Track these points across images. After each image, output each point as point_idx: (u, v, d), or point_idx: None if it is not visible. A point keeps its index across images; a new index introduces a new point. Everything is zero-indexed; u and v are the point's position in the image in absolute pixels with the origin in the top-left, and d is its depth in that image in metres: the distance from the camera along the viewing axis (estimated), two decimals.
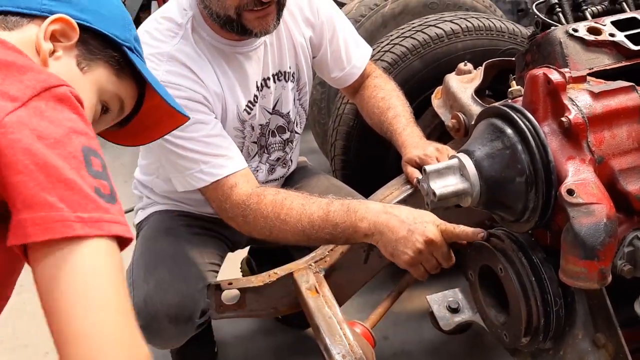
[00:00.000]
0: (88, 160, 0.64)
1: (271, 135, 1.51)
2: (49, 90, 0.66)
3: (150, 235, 1.47)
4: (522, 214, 0.92)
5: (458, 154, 0.96)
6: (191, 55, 1.29)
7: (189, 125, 1.22)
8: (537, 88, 0.93)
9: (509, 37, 1.82)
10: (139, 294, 1.31)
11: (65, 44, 0.79)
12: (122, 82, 0.86)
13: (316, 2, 1.48)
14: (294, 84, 1.50)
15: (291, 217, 1.22)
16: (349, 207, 1.19)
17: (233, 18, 1.23)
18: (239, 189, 1.27)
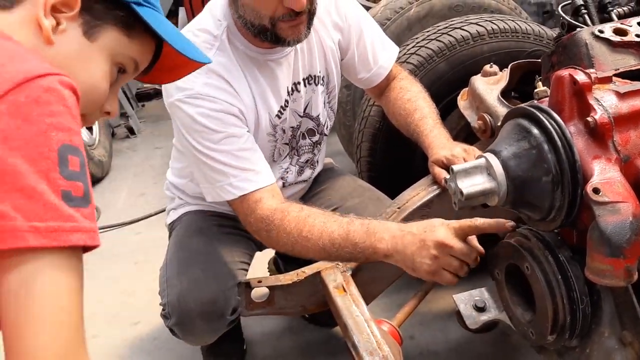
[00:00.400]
0: (64, 159, 0.61)
1: (302, 138, 1.55)
2: (32, 80, 0.62)
3: (182, 234, 1.52)
4: (549, 212, 0.93)
5: (485, 154, 0.98)
6: (227, 67, 1.33)
7: (222, 139, 1.28)
8: (563, 89, 0.94)
9: (534, 38, 1.83)
10: (172, 292, 1.36)
11: (68, 14, 0.76)
12: (133, 41, 0.83)
13: (343, 6, 1.51)
14: (323, 87, 1.54)
15: (313, 235, 1.24)
16: (368, 228, 1.22)
17: (267, 27, 1.27)
18: (263, 204, 1.30)
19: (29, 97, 0.61)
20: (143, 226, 3.05)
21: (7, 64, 0.63)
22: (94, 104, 0.82)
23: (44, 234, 0.58)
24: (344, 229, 1.23)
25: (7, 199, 0.58)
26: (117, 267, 2.61)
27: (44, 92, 0.62)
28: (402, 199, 1.50)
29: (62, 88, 0.64)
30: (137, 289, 2.37)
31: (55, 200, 0.60)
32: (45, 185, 0.59)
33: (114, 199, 3.52)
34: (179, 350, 1.90)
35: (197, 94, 1.28)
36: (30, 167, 0.59)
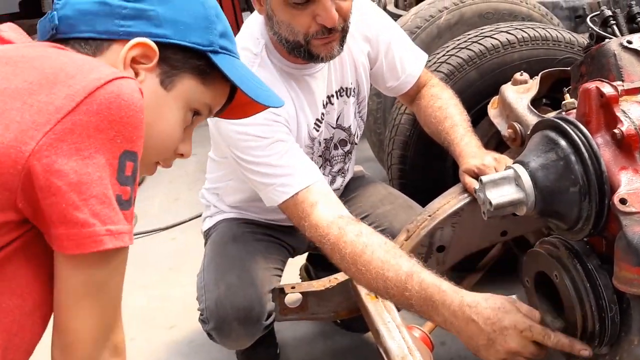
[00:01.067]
0: (122, 166, 0.68)
1: (334, 149, 1.59)
2: (96, 91, 0.67)
3: (218, 242, 1.57)
4: (576, 222, 0.95)
5: (513, 165, 1.01)
6: (269, 80, 1.35)
7: (270, 144, 1.31)
8: (590, 101, 0.96)
9: (565, 46, 1.83)
10: (210, 297, 1.41)
11: (146, 66, 0.80)
12: (209, 88, 0.86)
13: (371, 17, 1.55)
14: (354, 98, 1.57)
15: (368, 272, 1.18)
16: (426, 294, 1.11)
17: (302, 44, 1.31)
18: (319, 211, 1.27)
19: (101, 105, 0.67)
20: (178, 232, 3.12)
21: (78, 74, 0.68)
22: (168, 149, 0.87)
23: (116, 236, 0.68)
24: (401, 283, 1.14)
25: (85, 206, 0.66)
26: (152, 272, 2.68)
27: (115, 97, 0.68)
28: (432, 207, 1.52)
29: (131, 90, 0.70)
30: (172, 294, 2.43)
31: (115, 204, 0.68)
32: (110, 191, 0.67)
33: (149, 206, 3.60)
34: (214, 354, 1.95)
35: None
36: (99, 173, 0.66)
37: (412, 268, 1.15)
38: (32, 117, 0.65)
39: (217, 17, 0.85)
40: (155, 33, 0.80)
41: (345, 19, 1.32)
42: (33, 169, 0.64)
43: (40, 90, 0.66)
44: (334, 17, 1.25)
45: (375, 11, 1.59)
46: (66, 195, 0.65)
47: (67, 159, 0.65)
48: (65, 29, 0.79)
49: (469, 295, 1.11)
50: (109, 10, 0.78)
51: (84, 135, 0.66)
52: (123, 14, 0.78)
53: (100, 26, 0.79)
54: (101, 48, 0.79)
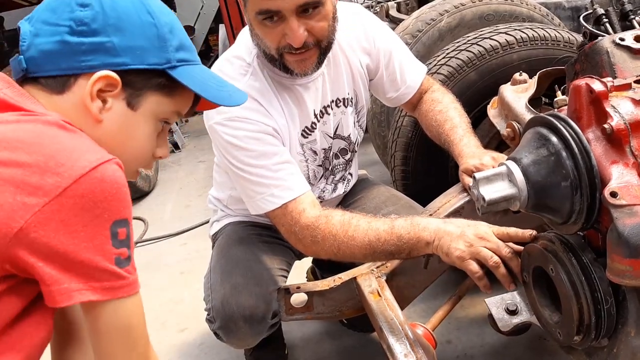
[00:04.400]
0: (114, 233, 0.79)
1: (335, 158, 1.62)
2: (82, 178, 0.76)
3: (225, 244, 1.61)
4: (569, 216, 0.97)
5: (506, 162, 1.03)
6: (261, 90, 1.41)
7: (260, 155, 1.36)
8: (581, 97, 0.98)
9: (564, 45, 1.85)
10: (216, 297, 1.44)
11: (112, 93, 0.88)
12: (173, 98, 0.94)
13: (372, 31, 1.58)
14: (352, 108, 1.60)
15: (358, 233, 1.30)
16: (412, 221, 1.28)
17: (276, 58, 1.35)
18: (307, 213, 1.36)
19: (86, 189, 0.76)
20: (188, 237, 3.17)
21: (67, 162, 0.77)
22: (144, 158, 0.97)
23: (100, 291, 0.79)
24: (388, 225, 1.29)
25: (72, 270, 0.77)
26: (164, 276, 2.73)
27: (98, 182, 0.77)
28: (433, 206, 1.54)
29: (113, 172, 0.79)
30: (183, 297, 2.47)
31: (109, 265, 0.79)
32: (100, 257, 0.78)
33: (161, 212, 3.66)
34: (224, 355, 1.99)
35: (235, 117, 1.36)
36: (88, 244, 0.77)
37: (394, 216, 1.33)
38: (22, 200, 0.74)
39: (171, 33, 0.91)
40: (114, 62, 0.86)
41: (320, 39, 1.34)
42: (19, 244, 0.74)
43: (32, 176, 0.75)
44: (300, 38, 1.28)
45: (376, 24, 1.61)
46: (52, 262, 0.76)
47: (55, 233, 0.75)
48: (33, 68, 0.86)
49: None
50: (69, 48, 0.85)
51: (70, 214, 0.76)
52: (82, 50, 0.85)
53: (63, 63, 0.85)
54: (68, 83, 0.87)
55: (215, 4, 7.85)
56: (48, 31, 0.85)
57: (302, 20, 1.28)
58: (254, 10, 1.28)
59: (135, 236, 3.28)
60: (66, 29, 0.85)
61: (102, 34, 0.85)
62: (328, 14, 1.33)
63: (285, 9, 1.25)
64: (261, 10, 1.26)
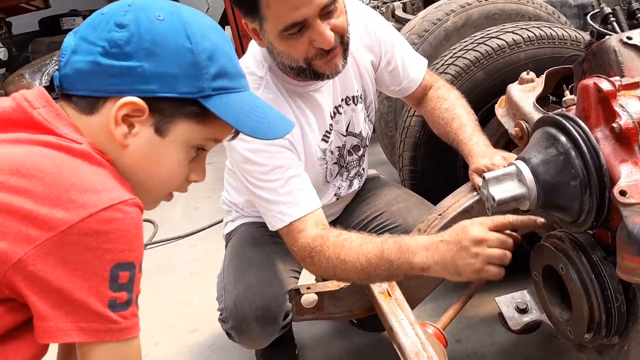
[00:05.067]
0: (115, 276, 0.77)
1: (348, 155, 1.63)
2: (90, 217, 0.75)
3: (238, 244, 1.62)
4: (579, 215, 0.98)
5: (515, 162, 1.04)
6: (275, 102, 1.40)
7: (272, 170, 1.36)
8: (589, 97, 0.99)
9: (571, 44, 1.85)
10: (229, 297, 1.45)
11: (139, 119, 0.85)
12: (207, 126, 0.89)
13: (373, 27, 1.58)
14: (362, 104, 1.61)
15: (350, 257, 1.27)
16: (401, 245, 1.23)
17: (304, 67, 1.34)
18: (305, 233, 1.34)
19: (91, 229, 0.75)
20: (198, 239, 3.18)
21: (79, 199, 0.76)
22: (174, 184, 0.94)
23: (86, 332, 0.77)
24: (378, 248, 1.24)
25: (62, 308, 0.76)
26: (174, 278, 2.74)
27: (105, 223, 0.76)
28: (443, 206, 1.55)
29: (124, 214, 0.78)
30: (194, 299, 2.48)
31: (101, 308, 0.77)
32: (94, 298, 0.76)
33: (170, 214, 3.67)
34: (235, 356, 2.00)
35: None
36: (83, 284, 0.76)
37: (385, 238, 1.27)
38: (27, 231, 0.74)
39: (210, 60, 0.86)
40: (143, 89, 0.83)
41: (342, 35, 1.34)
42: (17, 274, 0.74)
43: (42, 208, 0.74)
44: (330, 39, 1.28)
45: (376, 20, 1.62)
46: (45, 297, 0.75)
47: (53, 269, 0.74)
48: (67, 86, 0.85)
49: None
50: (100, 69, 0.83)
51: (72, 252, 0.75)
52: (112, 73, 0.82)
53: (93, 85, 0.84)
54: (97, 105, 0.85)
55: (220, 6, 7.87)
56: (85, 49, 0.84)
57: (325, 21, 1.28)
58: (277, 29, 1.27)
59: (145, 238, 3.30)
60: (100, 49, 0.83)
61: (134, 58, 0.82)
62: (342, 7, 1.34)
63: (310, 15, 1.25)
64: (286, 25, 1.25)
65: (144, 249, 3.36)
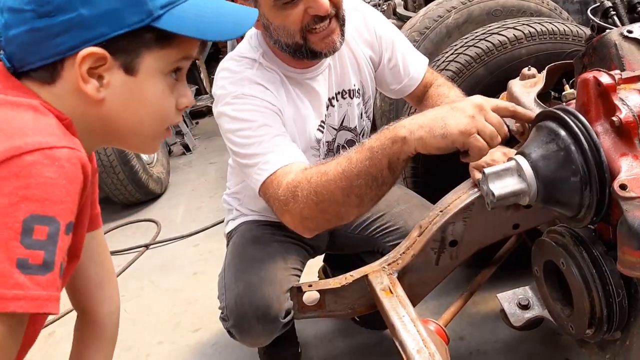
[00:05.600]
0: (28, 229, 0.66)
1: (341, 149, 1.63)
2: (18, 157, 0.67)
3: (239, 242, 1.62)
4: (579, 210, 0.97)
5: (515, 156, 1.03)
6: (269, 79, 1.43)
7: (260, 126, 1.34)
8: (589, 90, 0.98)
9: (572, 39, 1.85)
10: (230, 295, 1.45)
11: (104, 66, 0.80)
12: (173, 46, 0.84)
13: (372, 23, 1.59)
14: (359, 99, 1.61)
15: (330, 166, 1.18)
16: (381, 130, 1.14)
17: (301, 44, 1.35)
18: (292, 175, 1.26)
19: (10, 172, 0.67)
20: (200, 238, 3.19)
21: (4, 141, 0.68)
22: (167, 118, 0.89)
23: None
24: (359, 146, 1.16)
25: None
26: (177, 278, 2.75)
27: (26, 166, 0.67)
28: (444, 203, 1.54)
29: (51, 161, 0.68)
30: (197, 298, 2.49)
31: (7, 267, 0.65)
32: (1, 254, 0.64)
33: (173, 214, 3.68)
34: (238, 354, 2.00)
35: (241, 94, 1.38)
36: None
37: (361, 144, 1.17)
38: None
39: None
40: (92, 36, 0.78)
41: (338, 7, 1.36)
42: None
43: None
44: (325, 4, 1.30)
45: (376, 16, 1.62)
46: None
47: None
48: (18, 65, 0.81)
49: None
50: (41, 34, 0.78)
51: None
52: (54, 32, 0.77)
53: (42, 52, 0.79)
54: (55, 72, 0.80)
55: None
56: (16, 20, 0.78)
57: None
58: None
59: (148, 238, 3.30)
60: (31, 14, 0.77)
61: (68, 9, 0.77)
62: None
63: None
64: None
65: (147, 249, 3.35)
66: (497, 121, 1.08)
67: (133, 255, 3.10)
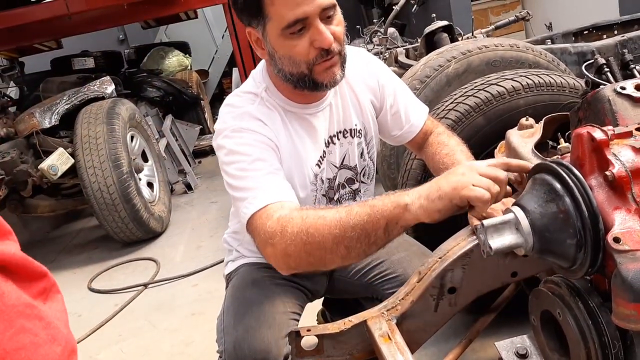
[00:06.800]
0: None
1: (341, 188, 1.66)
2: None
3: (239, 285, 1.63)
4: (574, 262, 0.99)
5: (514, 208, 1.06)
6: (269, 115, 1.47)
7: (254, 161, 1.38)
8: (583, 145, 1.02)
9: (569, 91, 1.90)
10: (229, 339, 1.45)
11: None
12: None
13: (375, 70, 1.64)
14: (360, 139, 1.65)
15: (330, 212, 1.21)
16: (387, 193, 1.21)
17: (305, 74, 1.39)
18: (284, 210, 1.29)
19: None
20: (200, 278, 3.19)
21: None
22: None
23: None
24: (361, 201, 1.22)
25: None
26: (176, 318, 2.74)
27: None
28: (443, 249, 1.55)
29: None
30: (194, 339, 2.48)
31: None
32: None
33: (173, 253, 3.69)
34: None
35: (240, 128, 1.42)
36: None
37: (364, 201, 1.22)
38: None
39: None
40: None
41: (340, 43, 1.41)
42: None
43: None
44: (329, 38, 1.35)
45: (378, 64, 1.68)
46: None
47: None
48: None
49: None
50: None
51: None
52: None
53: None
54: None
55: (229, 49, 8.08)
56: None
57: (326, 25, 1.35)
58: (279, 27, 1.34)
59: (147, 277, 3.30)
60: None
61: None
62: (341, 20, 1.41)
63: (311, 14, 1.32)
64: (289, 22, 1.32)
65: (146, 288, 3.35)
66: (491, 173, 1.14)
67: (132, 294, 3.09)
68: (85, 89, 4.34)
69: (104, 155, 3.60)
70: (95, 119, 3.77)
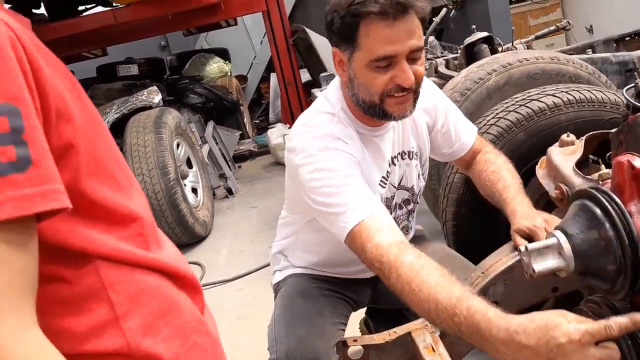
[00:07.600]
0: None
1: (398, 209, 1.72)
2: None
3: (288, 296, 1.72)
4: (614, 285, 1.05)
5: (556, 233, 1.11)
6: (348, 134, 1.52)
7: (346, 175, 1.43)
8: (623, 173, 1.07)
9: (610, 107, 1.91)
10: (281, 348, 1.54)
11: None
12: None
13: (428, 91, 1.69)
14: (417, 160, 1.71)
15: (421, 292, 1.19)
16: (473, 321, 1.09)
17: (377, 103, 1.45)
18: (382, 235, 1.31)
19: None
20: (244, 283, 3.28)
21: None
22: None
23: None
24: (451, 307, 1.13)
25: None
26: (221, 321, 2.83)
27: None
28: (485, 264, 1.61)
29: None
30: (241, 343, 2.57)
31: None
32: None
33: (216, 257, 3.81)
34: None
35: (325, 147, 1.47)
36: None
37: (463, 293, 1.15)
38: None
39: None
40: None
41: (419, 83, 1.46)
42: None
43: None
44: (411, 78, 1.40)
45: (430, 84, 1.74)
46: None
47: None
48: None
49: (515, 319, 1.05)
50: None
51: None
52: None
53: None
54: None
55: (267, 54, 8.21)
56: None
57: (410, 65, 1.41)
58: (367, 58, 1.40)
59: None
60: None
61: None
62: (424, 61, 1.47)
63: (400, 53, 1.38)
64: (379, 57, 1.38)
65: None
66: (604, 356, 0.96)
67: None
68: (133, 98, 4.52)
69: (152, 163, 3.75)
70: (144, 128, 3.93)
